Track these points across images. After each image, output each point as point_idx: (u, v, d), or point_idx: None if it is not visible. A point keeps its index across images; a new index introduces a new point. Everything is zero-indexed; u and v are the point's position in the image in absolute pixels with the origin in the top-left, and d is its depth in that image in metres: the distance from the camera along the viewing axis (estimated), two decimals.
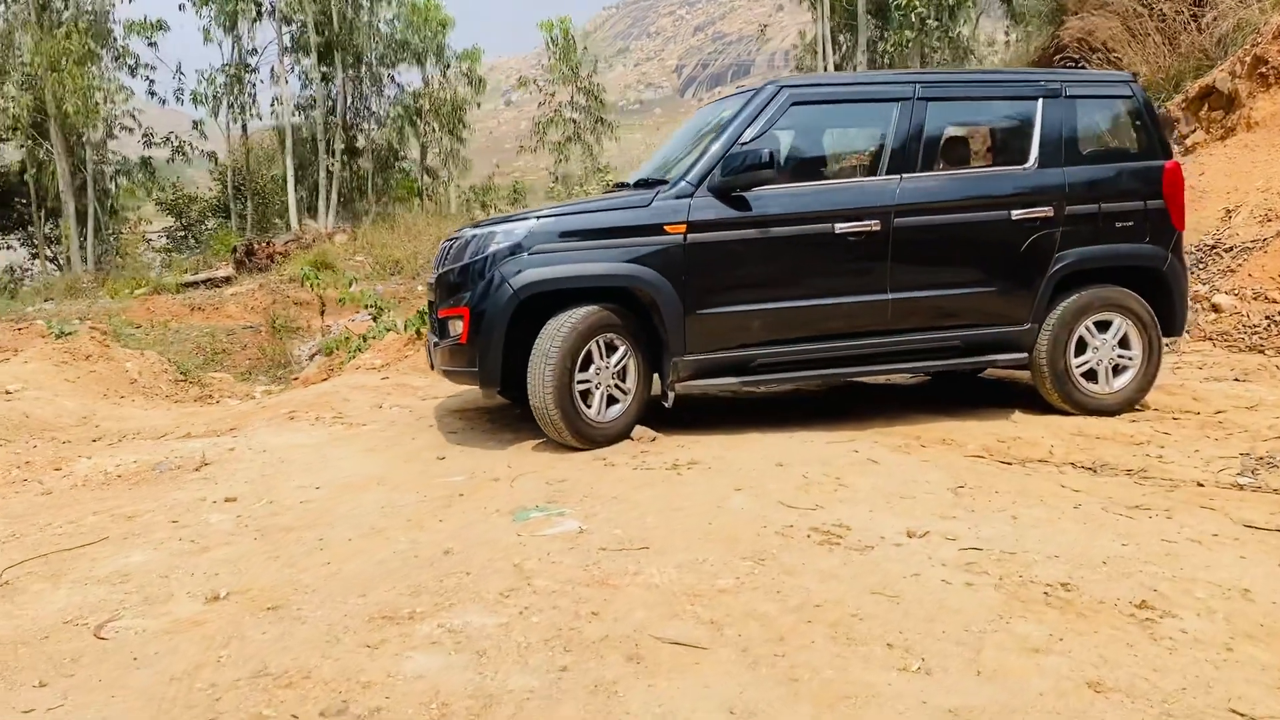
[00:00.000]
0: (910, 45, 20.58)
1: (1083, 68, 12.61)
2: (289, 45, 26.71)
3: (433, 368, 5.65)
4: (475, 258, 5.13)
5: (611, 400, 5.20)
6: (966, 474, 4.54)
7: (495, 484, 4.45)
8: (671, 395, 5.31)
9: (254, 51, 27.56)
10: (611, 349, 5.17)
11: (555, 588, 3.14)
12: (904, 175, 5.42)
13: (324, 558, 3.52)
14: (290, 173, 26.47)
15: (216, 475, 4.82)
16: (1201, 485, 4.43)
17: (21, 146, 27.03)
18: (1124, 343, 5.73)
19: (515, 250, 5.06)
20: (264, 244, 19.80)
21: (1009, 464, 4.88)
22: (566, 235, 5.15)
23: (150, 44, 26.71)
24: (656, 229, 5.14)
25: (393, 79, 29.46)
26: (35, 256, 29.78)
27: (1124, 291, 5.69)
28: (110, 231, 27.49)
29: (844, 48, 25.82)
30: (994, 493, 4.24)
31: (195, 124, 28.55)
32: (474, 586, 3.16)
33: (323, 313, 13.49)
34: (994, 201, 5.51)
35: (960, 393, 6.69)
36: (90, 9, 26.56)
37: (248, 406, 7.88)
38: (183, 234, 33.18)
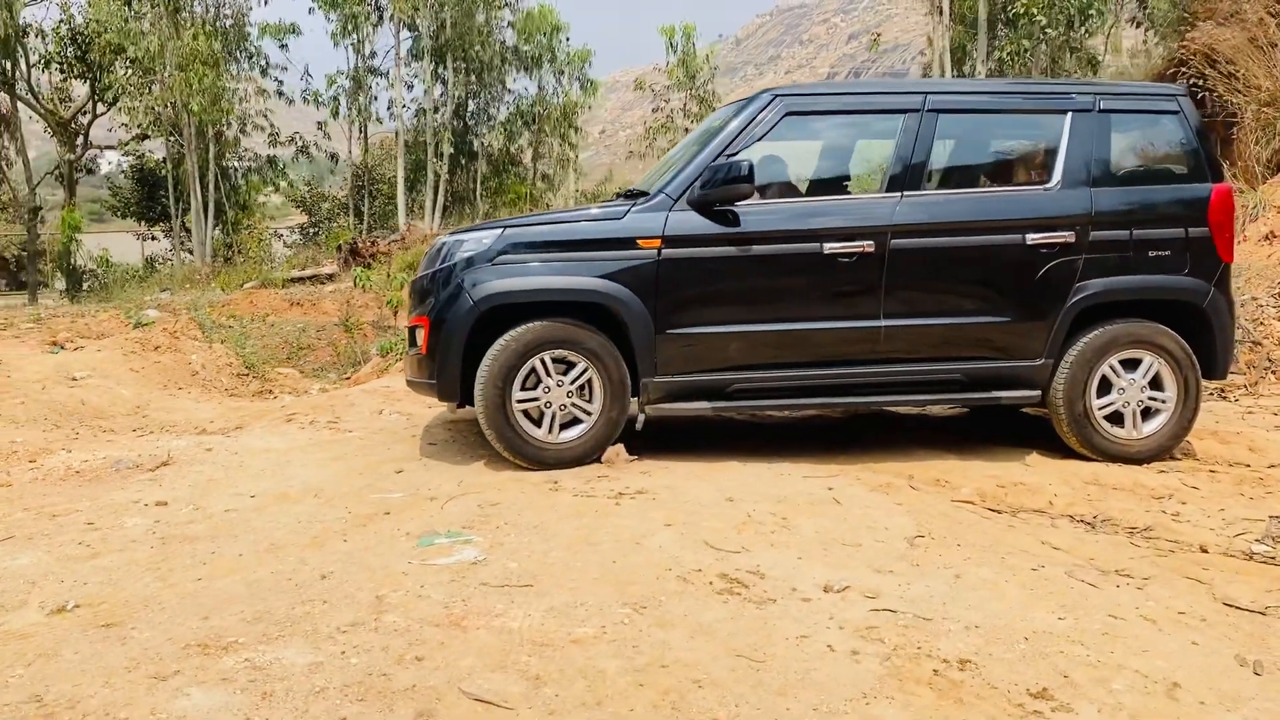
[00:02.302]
0: (1029, 54, 19.64)
1: (1194, 81, 11.72)
2: (407, 51, 27.38)
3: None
4: (442, 265, 4.98)
5: (576, 420, 4.96)
6: (937, 521, 4.14)
7: (429, 503, 4.28)
8: (642, 418, 5.06)
9: (373, 55, 28.41)
10: (567, 367, 4.92)
11: (402, 626, 2.94)
12: (905, 193, 5.01)
13: (201, 573, 3.41)
14: (401, 174, 27.10)
15: (166, 477, 4.80)
16: (1205, 551, 3.93)
17: (167, 143, 28.50)
18: (1156, 384, 5.19)
19: (481, 260, 4.89)
20: (368, 243, 20.23)
21: (998, 512, 4.46)
22: (537, 246, 4.95)
23: (282, 46, 27.85)
24: (629, 242, 4.88)
25: (503, 84, 29.83)
26: (176, 248, 31.27)
27: (1156, 327, 5.14)
28: (236, 226, 28.66)
29: (974, 56, 24.86)
30: (955, 545, 3.84)
31: (319, 125, 29.58)
32: (319, 618, 2.99)
33: (395, 313, 13.65)
34: (1005, 224, 5.05)
35: (997, 427, 6.20)
36: (229, 12, 27.82)
37: (272, 405, 7.97)
38: (314, 230, 34.41)
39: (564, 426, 4.95)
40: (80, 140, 31.03)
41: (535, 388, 4.87)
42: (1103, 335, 5.09)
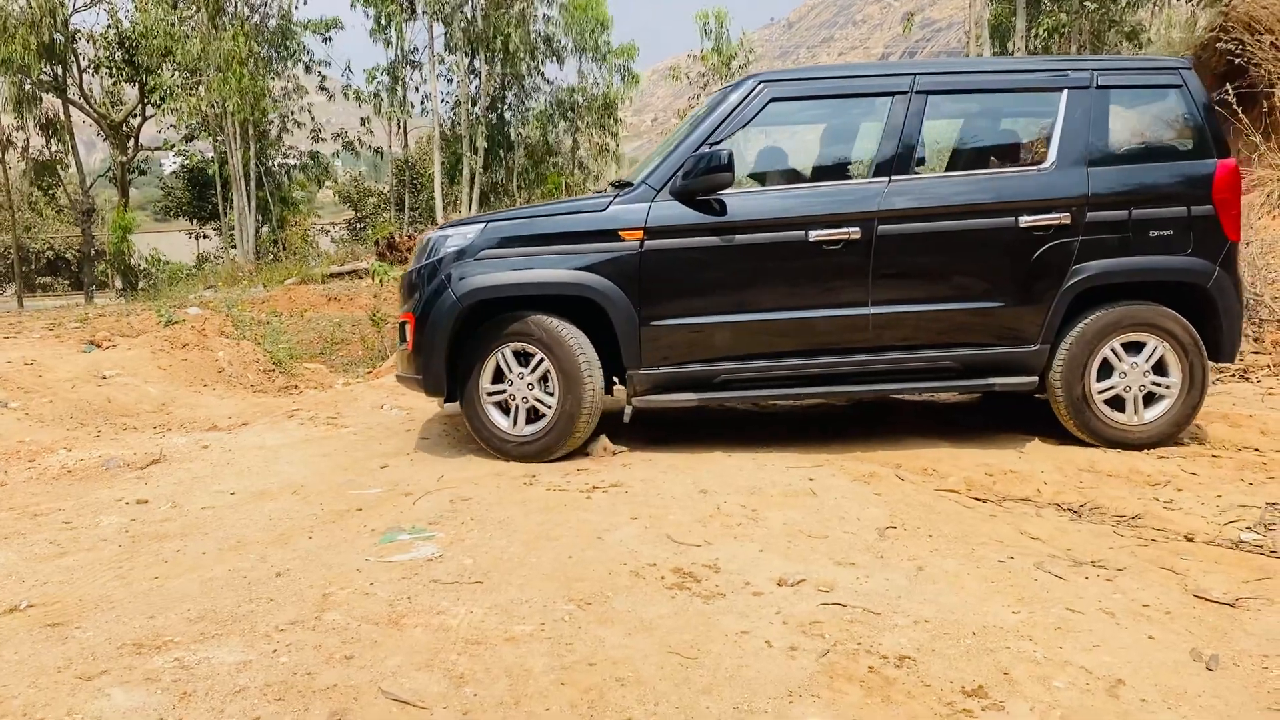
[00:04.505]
0: (1067, 29, 19.16)
1: (1235, 51, 11.35)
2: (442, 46, 27.51)
3: None
4: (428, 260, 5.02)
5: (541, 414, 4.98)
6: (913, 512, 4.06)
7: (402, 499, 4.30)
8: (629, 410, 5.04)
9: (414, 50, 28.62)
10: (530, 360, 4.94)
11: (341, 624, 2.94)
12: (892, 178, 4.92)
13: (160, 571, 3.45)
14: (438, 168, 27.30)
15: (154, 475, 4.87)
16: (1190, 540, 3.81)
17: (213, 143, 29.07)
18: (1160, 369, 5.03)
19: (465, 254, 4.92)
20: (405, 237, 20.40)
21: (982, 501, 4.36)
22: (520, 240, 4.95)
23: (325, 40, 28.18)
24: (611, 235, 4.86)
25: (542, 74, 29.90)
26: (227, 247, 31.89)
27: (1158, 309, 4.99)
28: (282, 223, 29.10)
29: (1020, 32, 24.32)
30: (926, 537, 3.76)
31: (363, 120, 29.91)
32: (261, 616, 3.00)
33: None
34: (997, 207, 4.93)
35: (1000, 414, 6.08)
36: (274, 11, 28.19)
37: (284, 401, 8.06)
38: (361, 225, 34.85)
39: (535, 420, 4.99)
40: (131, 142, 31.71)
41: (504, 381, 4.96)
42: (1101, 319, 4.96)
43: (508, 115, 29.77)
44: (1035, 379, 5.03)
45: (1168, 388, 5.03)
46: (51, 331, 13.08)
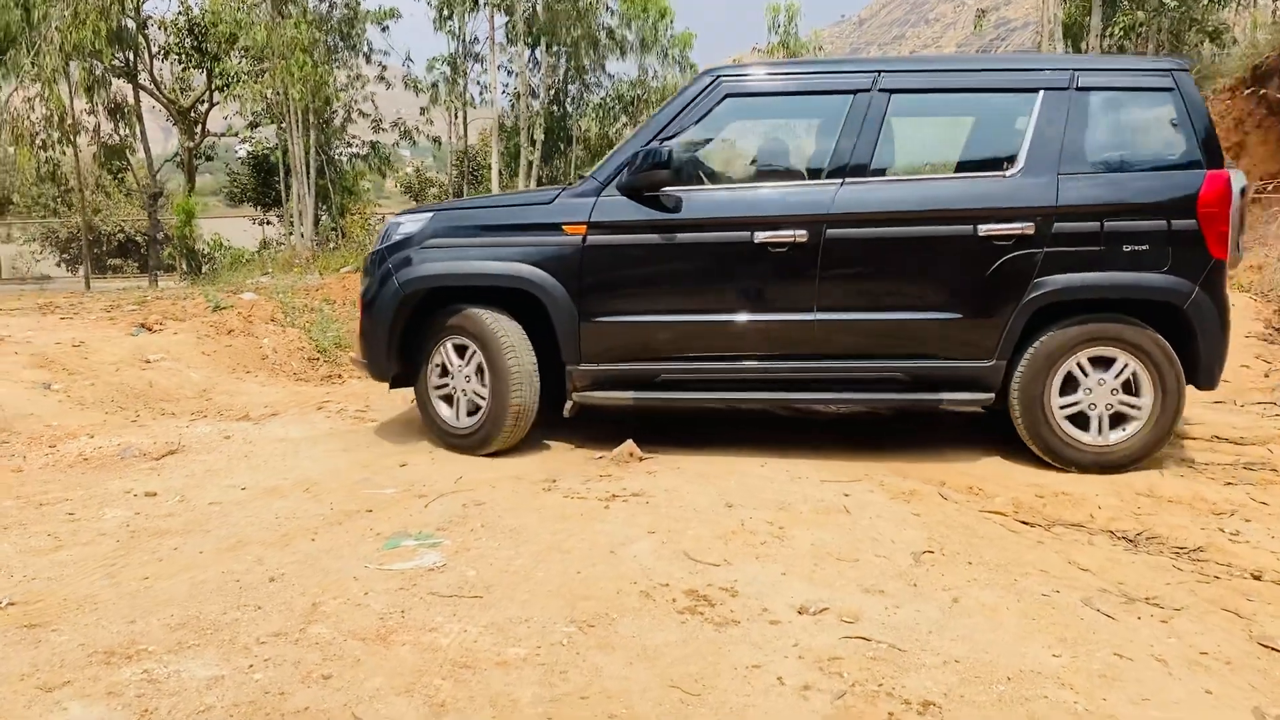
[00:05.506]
0: (1144, 28, 18.43)
1: None
2: (504, 38, 27.38)
3: None
4: (380, 247, 5.08)
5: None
6: (954, 535, 3.79)
7: (415, 501, 4.12)
8: (569, 405, 4.94)
9: (475, 40, 28.56)
10: (461, 352, 4.95)
11: (326, 638, 2.77)
12: (846, 180, 4.69)
13: (152, 570, 3.31)
14: (495, 159, 27.17)
15: (168, 466, 4.76)
16: (1257, 578, 3.49)
17: (277, 130, 29.34)
18: (1128, 388, 4.69)
19: (412, 242, 4.96)
20: None
21: (1029, 525, 4.07)
22: (467, 230, 4.99)
23: (383, 29, 28.25)
24: (555, 228, 4.80)
25: (603, 68, 29.73)
26: (289, 234, 32.21)
27: (1126, 325, 4.65)
28: (343, 211, 29.24)
29: (1094, 31, 23.50)
30: (966, 564, 3.49)
31: (423, 110, 30.00)
32: (245, 625, 2.84)
33: None
34: (955, 214, 4.65)
35: None
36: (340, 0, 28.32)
37: (320, 391, 7.97)
38: None
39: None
40: (199, 128, 32.17)
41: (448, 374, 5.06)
42: (1061, 335, 4.65)
43: (569, 107, 29.65)
44: (990, 395, 4.75)
45: (1136, 408, 4.68)
46: (107, 314, 13.20)
